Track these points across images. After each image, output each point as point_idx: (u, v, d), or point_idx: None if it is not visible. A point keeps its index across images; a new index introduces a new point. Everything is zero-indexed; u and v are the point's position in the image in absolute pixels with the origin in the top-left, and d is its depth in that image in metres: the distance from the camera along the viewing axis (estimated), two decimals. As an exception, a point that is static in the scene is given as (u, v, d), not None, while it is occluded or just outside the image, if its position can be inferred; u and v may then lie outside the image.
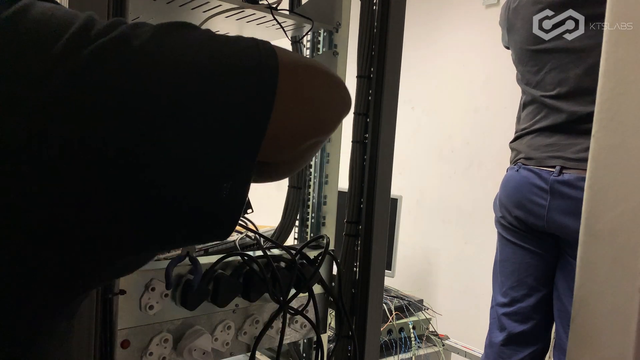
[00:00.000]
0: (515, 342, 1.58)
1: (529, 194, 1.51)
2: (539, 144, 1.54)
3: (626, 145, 0.91)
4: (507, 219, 1.61)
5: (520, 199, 1.54)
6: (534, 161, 1.52)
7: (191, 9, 0.83)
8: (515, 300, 1.59)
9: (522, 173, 1.55)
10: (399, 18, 0.81)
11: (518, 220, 1.57)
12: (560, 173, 1.43)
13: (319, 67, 0.44)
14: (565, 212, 1.42)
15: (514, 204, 1.57)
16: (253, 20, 0.88)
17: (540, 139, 1.55)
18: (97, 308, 0.56)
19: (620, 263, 0.90)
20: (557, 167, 1.45)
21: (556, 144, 1.49)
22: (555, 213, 1.45)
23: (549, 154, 1.50)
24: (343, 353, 0.85)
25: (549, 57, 1.51)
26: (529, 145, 1.57)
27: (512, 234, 1.61)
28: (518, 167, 1.58)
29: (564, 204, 1.42)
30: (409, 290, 2.27)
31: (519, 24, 1.57)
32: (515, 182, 1.57)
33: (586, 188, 0.98)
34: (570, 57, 1.47)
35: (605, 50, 0.93)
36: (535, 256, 1.56)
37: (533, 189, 1.50)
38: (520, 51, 1.59)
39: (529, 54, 1.56)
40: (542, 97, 1.56)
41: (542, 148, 1.52)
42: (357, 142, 0.84)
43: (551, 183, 1.45)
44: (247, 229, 0.81)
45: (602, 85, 0.94)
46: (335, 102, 0.45)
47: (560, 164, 1.46)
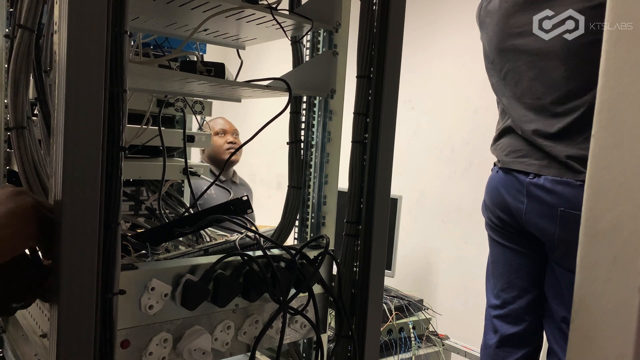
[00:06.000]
0: (509, 344, 1.58)
1: (508, 195, 1.51)
2: (506, 148, 1.55)
3: (626, 145, 0.91)
4: (493, 221, 1.61)
5: (501, 200, 1.54)
6: (507, 164, 1.52)
7: (191, 9, 0.83)
8: (506, 302, 1.59)
9: (501, 175, 1.55)
10: (399, 18, 0.81)
11: (502, 222, 1.57)
12: (536, 176, 1.43)
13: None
14: (541, 216, 1.42)
15: (496, 205, 1.57)
16: (253, 21, 0.88)
17: (507, 142, 1.55)
18: (96, 308, 0.56)
19: (620, 263, 0.90)
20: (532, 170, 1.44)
21: (522, 148, 1.49)
22: (532, 216, 1.44)
23: (516, 159, 1.50)
24: (343, 353, 0.85)
25: (509, 57, 1.50)
26: (500, 148, 1.58)
27: (499, 236, 1.61)
28: (497, 169, 1.58)
29: (540, 208, 1.42)
30: (409, 290, 2.27)
31: (488, 21, 1.56)
32: (495, 184, 1.57)
33: (586, 188, 0.98)
34: (524, 60, 1.46)
35: (605, 50, 0.93)
36: (523, 257, 1.56)
37: (511, 191, 1.50)
38: (489, 50, 1.59)
39: (494, 53, 1.56)
40: (502, 99, 1.57)
41: (511, 153, 1.52)
42: (357, 142, 0.84)
43: (527, 185, 1.44)
44: (247, 229, 0.81)
45: (602, 85, 0.94)
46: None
47: (525, 169, 1.46)
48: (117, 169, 0.57)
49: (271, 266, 0.75)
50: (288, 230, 0.96)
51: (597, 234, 0.95)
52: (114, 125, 0.56)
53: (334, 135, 0.96)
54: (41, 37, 0.77)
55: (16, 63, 0.73)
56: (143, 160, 1.12)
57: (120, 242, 0.58)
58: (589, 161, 0.97)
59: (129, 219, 1.14)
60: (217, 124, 2.71)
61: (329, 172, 0.97)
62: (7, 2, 1.09)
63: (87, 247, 0.55)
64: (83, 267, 0.55)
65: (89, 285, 0.55)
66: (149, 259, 0.78)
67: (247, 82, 0.88)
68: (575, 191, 1.33)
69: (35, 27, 0.73)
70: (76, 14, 0.53)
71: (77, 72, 0.53)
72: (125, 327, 0.64)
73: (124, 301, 0.63)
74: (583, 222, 0.97)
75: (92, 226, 0.55)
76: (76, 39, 0.53)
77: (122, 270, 0.61)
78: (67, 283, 0.54)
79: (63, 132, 0.53)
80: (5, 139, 1.10)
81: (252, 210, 0.85)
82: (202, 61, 0.85)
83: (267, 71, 1.16)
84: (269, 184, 3.97)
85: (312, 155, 0.98)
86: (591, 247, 0.96)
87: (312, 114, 0.98)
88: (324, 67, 0.92)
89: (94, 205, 0.55)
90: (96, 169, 0.55)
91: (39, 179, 0.79)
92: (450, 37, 2.68)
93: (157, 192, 1.13)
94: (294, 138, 0.97)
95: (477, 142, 2.52)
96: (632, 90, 0.89)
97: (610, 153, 0.93)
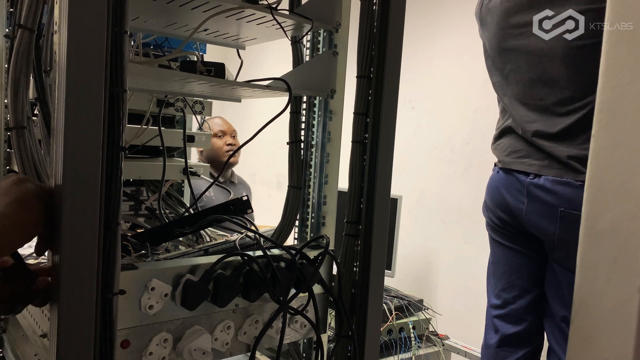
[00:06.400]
0: (509, 343, 1.58)
1: (508, 196, 1.51)
2: (506, 148, 1.54)
3: (626, 145, 0.91)
4: (494, 221, 1.61)
5: (501, 200, 1.54)
6: (508, 164, 1.52)
7: (191, 9, 0.83)
8: (507, 302, 1.59)
9: (501, 175, 1.55)
10: (399, 18, 0.81)
11: (503, 222, 1.57)
12: (536, 176, 1.43)
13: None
14: (541, 216, 1.42)
15: (496, 205, 1.57)
16: (253, 21, 0.88)
17: (507, 142, 1.55)
18: (97, 308, 0.56)
19: (620, 263, 0.90)
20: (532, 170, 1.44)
21: (523, 149, 1.49)
22: (533, 216, 1.44)
23: (516, 159, 1.50)
24: (343, 353, 0.85)
25: (510, 57, 1.50)
26: (500, 148, 1.57)
27: (500, 236, 1.61)
28: (498, 169, 1.58)
29: (540, 208, 1.42)
30: (409, 290, 2.27)
31: (489, 20, 1.56)
32: (496, 184, 1.57)
33: (586, 188, 0.98)
34: (526, 60, 1.45)
35: (605, 50, 0.93)
36: (524, 257, 1.56)
37: (512, 191, 1.50)
38: (490, 49, 1.58)
39: (495, 53, 1.55)
40: (504, 98, 1.56)
41: (511, 153, 1.52)
42: (357, 142, 0.84)
43: (527, 186, 1.44)
44: (247, 229, 0.81)
45: (602, 85, 0.94)
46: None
47: (526, 169, 1.45)
48: (117, 169, 0.57)
49: (271, 266, 0.75)
50: (288, 230, 0.96)
51: (597, 234, 0.95)
52: (114, 125, 0.56)
53: (334, 135, 0.96)
54: (41, 37, 0.77)
55: (16, 63, 0.73)
56: (143, 160, 1.12)
57: (120, 242, 0.58)
58: (589, 161, 0.97)
59: (129, 219, 1.14)
60: (216, 125, 2.68)
61: (329, 172, 0.97)
62: (7, 2, 1.09)
63: (87, 247, 0.55)
64: (83, 267, 0.55)
65: (89, 285, 0.55)
66: (149, 259, 0.78)
67: (247, 82, 0.88)
68: (575, 191, 1.33)
69: (35, 27, 0.73)
70: (76, 14, 0.53)
71: (77, 72, 0.53)
72: (125, 327, 0.64)
73: (124, 301, 0.63)
74: (583, 222, 0.97)
75: (92, 226, 0.55)
76: (76, 39, 0.53)
77: (122, 270, 0.61)
78: (67, 283, 0.54)
79: (63, 132, 0.53)
80: (5, 139, 1.10)
81: (252, 210, 0.85)
82: (202, 61, 0.85)
83: (267, 71, 1.16)
84: (269, 184, 3.97)
85: (312, 155, 0.98)
86: (591, 247, 0.96)
87: (312, 114, 0.98)
88: (324, 67, 0.92)
89: (94, 206, 0.55)
90: (96, 169, 0.55)
91: (39, 179, 0.79)
92: (450, 37, 2.68)
93: (157, 192, 1.13)
94: (294, 138, 0.97)
95: (477, 142, 2.51)
96: (632, 90, 0.89)
97: (610, 153, 0.93)
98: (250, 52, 1.14)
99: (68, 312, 0.54)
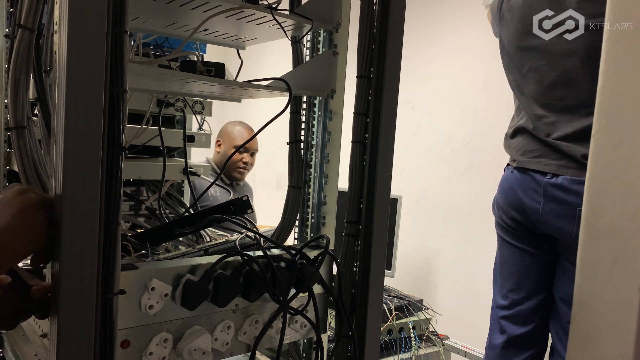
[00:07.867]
0: (515, 344, 1.58)
1: (524, 195, 1.50)
2: (520, 147, 1.54)
3: (626, 145, 0.91)
4: (505, 221, 1.60)
5: (515, 200, 1.53)
6: (523, 164, 1.52)
7: (191, 9, 0.83)
8: (514, 303, 1.58)
9: (516, 174, 1.54)
10: (399, 18, 0.81)
11: (515, 222, 1.56)
12: (554, 175, 1.42)
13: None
14: (559, 216, 1.41)
15: (510, 205, 1.56)
16: (253, 21, 0.88)
17: (520, 142, 1.54)
18: (97, 308, 0.56)
19: (620, 263, 0.90)
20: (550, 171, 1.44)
21: (537, 149, 1.48)
22: (550, 216, 1.43)
23: (532, 159, 1.49)
24: (343, 353, 0.85)
25: (530, 55, 1.49)
26: (514, 148, 1.57)
27: (510, 236, 1.60)
28: (512, 169, 1.57)
29: (558, 207, 1.41)
30: (409, 290, 2.27)
31: (509, 17, 1.55)
32: (510, 184, 1.56)
33: (586, 188, 0.98)
34: (547, 60, 1.45)
35: (605, 50, 0.93)
36: (534, 258, 1.55)
37: (527, 191, 1.49)
38: (508, 46, 1.58)
39: (515, 50, 1.55)
40: (520, 97, 1.56)
41: (526, 153, 1.51)
42: (357, 142, 0.84)
43: (544, 186, 1.44)
44: (247, 229, 0.81)
45: (602, 85, 0.94)
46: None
47: (542, 168, 1.45)
48: (117, 169, 0.57)
49: (271, 266, 0.75)
50: (288, 230, 0.96)
51: (597, 234, 0.95)
52: (114, 125, 0.56)
53: (334, 135, 0.96)
54: (41, 37, 0.77)
55: (16, 63, 0.73)
56: (143, 160, 1.12)
57: (120, 242, 0.58)
58: (589, 161, 0.97)
59: (129, 219, 1.14)
60: (240, 138, 2.53)
61: (329, 172, 0.97)
62: (7, 2, 1.09)
63: (87, 247, 0.55)
64: (83, 267, 0.55)
65: (89, 285, 0.55)
66: (149, 259, 0.78)
67: (247, 82, 0.88)
68: None
69: (35, 27, 0.73)
70: (76, 14, 0.53)
71: (77, 72, 0.53)
72: (125, 327, 0.64)
73: (124, 301, 0.63)
74: (583, 222, 0.97)
75: (92, 226, 0.55)
76: (76, 39, 0.53)
77: (122, 270, 0.61)
78: (67, 283, 0.54)
79: (63, 132, 0.53)
80: (5, 139, 1.10)
81: (252, 210, 0.85)
82: (202, 61, 0.85)
83: (267, 71, 1.16)
84: (269, 184, 3.97)
85: (312, 155, 0.98)
86: (591, 247, 0.96)
87: (312, 114, 0.98)
88: (324, 67, 0.92)
89: (94, 206, 0.55)
90: (96, 169, 0.55)
91: (39, 179, 0.79)
92: (450, 38, 2.68)
93: (157, 192, 1.13)
94: (294, 138, 0.97)
95: (477, 142, 2.52)
96: (632, 90, 0.89)
97: (610, 153, 0.93)
98: (250, 52, 1.14)
99: (68, 312, 0.54)
